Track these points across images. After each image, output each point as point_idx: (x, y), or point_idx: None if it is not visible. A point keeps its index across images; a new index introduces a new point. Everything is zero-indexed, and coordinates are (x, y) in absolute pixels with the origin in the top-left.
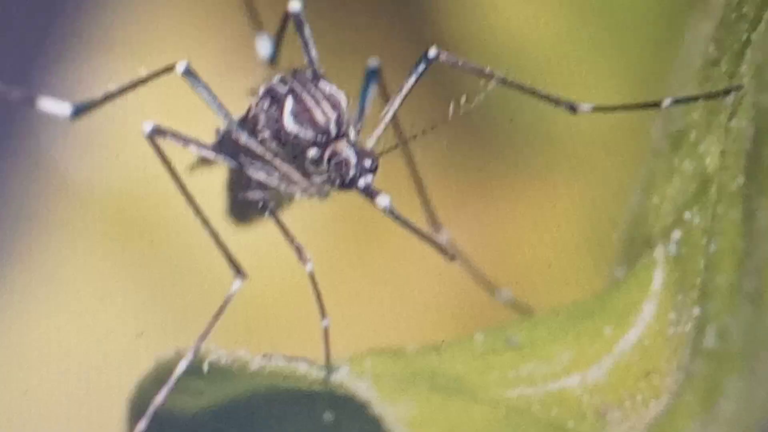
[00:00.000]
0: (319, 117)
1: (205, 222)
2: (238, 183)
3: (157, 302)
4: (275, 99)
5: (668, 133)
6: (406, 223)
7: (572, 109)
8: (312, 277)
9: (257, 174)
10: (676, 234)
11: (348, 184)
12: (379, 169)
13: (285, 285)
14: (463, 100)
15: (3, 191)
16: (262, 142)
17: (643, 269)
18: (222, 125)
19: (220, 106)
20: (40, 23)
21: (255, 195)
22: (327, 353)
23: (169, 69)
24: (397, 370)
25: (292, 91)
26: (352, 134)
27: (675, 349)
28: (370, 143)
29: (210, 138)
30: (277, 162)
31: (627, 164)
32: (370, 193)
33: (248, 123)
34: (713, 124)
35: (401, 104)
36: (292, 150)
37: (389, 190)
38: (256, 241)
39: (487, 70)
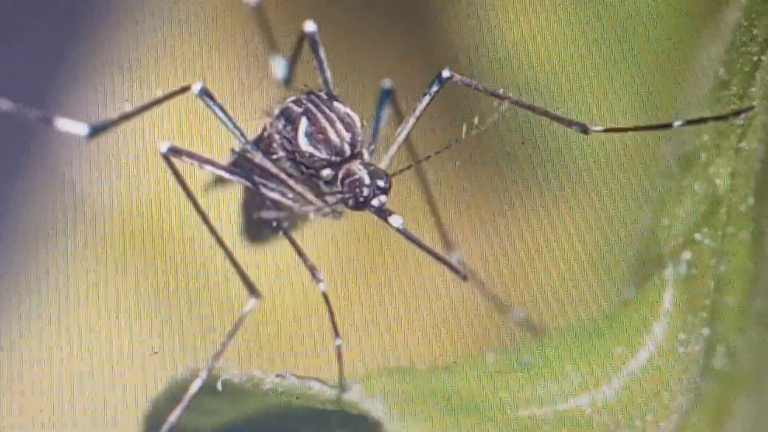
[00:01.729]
0: (334, 137)
1: (220, 241)
2: (253, 202)
3: (171, 321)
4: (290, 119)
5: (679, 155)
6: (418, 243)
7: (584, 130)
8: (325, 296)
9: (271, 194)
10: (686, 255)
11: (361, 204)
12: (393, 189)
13: (298, 304)
14: (476, 120)
15: (19, 210)
16: (277, 162)
17: (653, 289)
18: (237, 145)
19: (235, 127)
20: (57, 45)
21: (269, 214)
22: (340, 372)
23: (185, 89)
24: (409, 390)
25: (306, 111)
26: (365, 154)
27: (685, 369)
28: (383, 163)
29: (225, 158)
30: (292, 182)
31: (638, 184)
32: (383, 212)
33: (263, 143)
34: (723, 146)
35: (414, 125)
36: (306, 170)
37: (402, 210)
38: (270, 260)
39: (500, 91)
